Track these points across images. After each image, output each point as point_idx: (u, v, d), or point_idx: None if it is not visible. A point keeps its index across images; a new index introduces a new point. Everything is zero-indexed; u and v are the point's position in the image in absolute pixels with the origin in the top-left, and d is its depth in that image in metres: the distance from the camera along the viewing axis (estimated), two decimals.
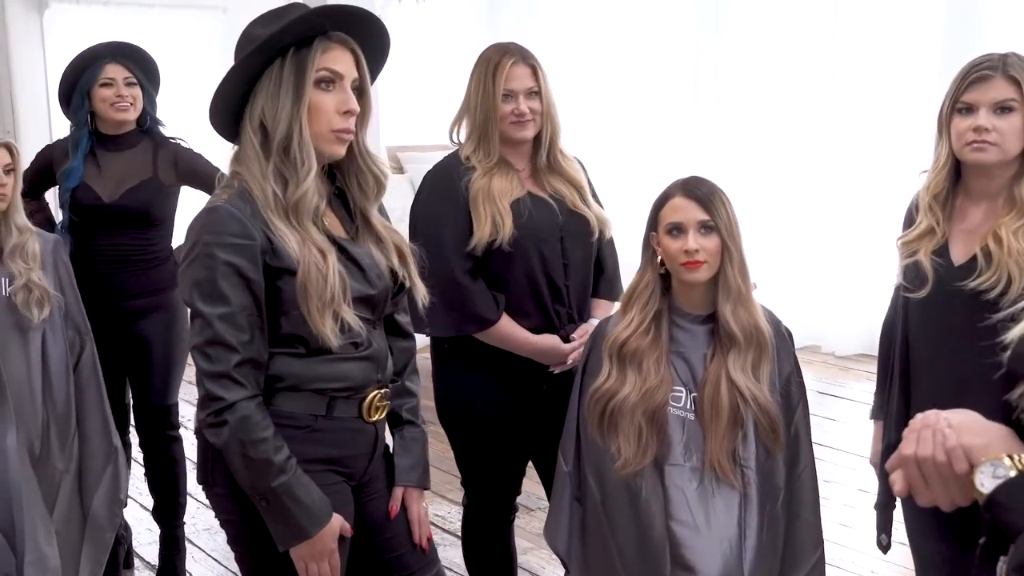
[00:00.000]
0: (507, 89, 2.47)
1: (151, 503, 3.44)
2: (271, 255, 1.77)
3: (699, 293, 2.14)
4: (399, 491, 2.04)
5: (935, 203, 2.18)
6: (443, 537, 3.63)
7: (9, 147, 2.81)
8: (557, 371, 2.52)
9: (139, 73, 3.19)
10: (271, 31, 1.76)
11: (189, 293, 1.77)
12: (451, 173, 2.51)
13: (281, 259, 1.77)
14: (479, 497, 2.69)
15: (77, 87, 3.16)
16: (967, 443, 1.11)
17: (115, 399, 3.14)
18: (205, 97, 1.83)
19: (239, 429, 1.76)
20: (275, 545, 1.82)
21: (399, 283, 1.97)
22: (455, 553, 3.24)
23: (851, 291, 5.86)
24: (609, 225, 2.63)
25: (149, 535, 3.63)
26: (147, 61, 3.26)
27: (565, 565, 2.28)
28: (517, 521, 2.80)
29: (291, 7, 1.82)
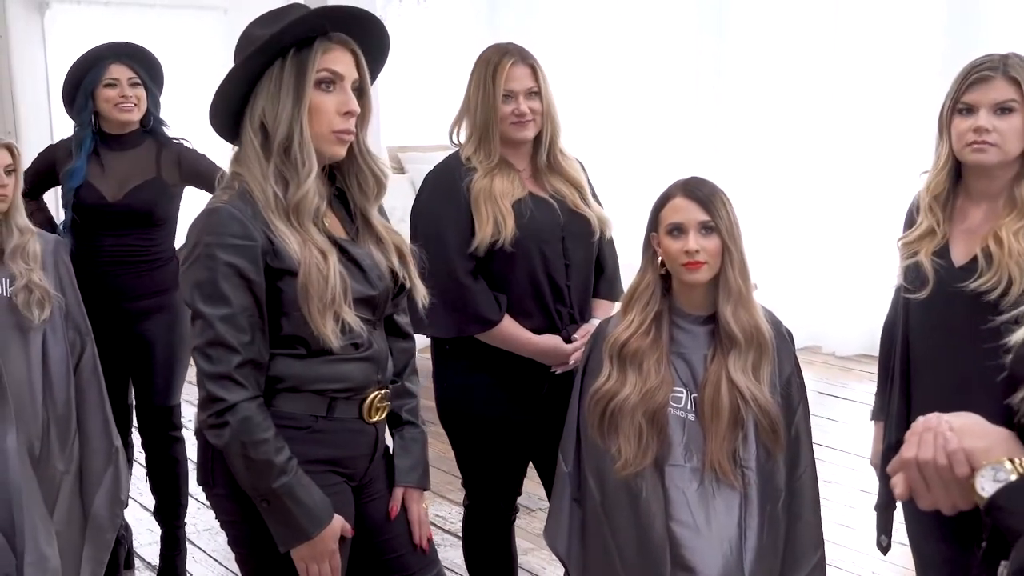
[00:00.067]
0: (507, 90, 2.47)
1: (152, 503, 3.44)
2: (272, 256, 1.77)
3: (699, 294, 2.13)
4: (399, 492, 2.04)
5: (935, 204, 2.18)
6: (443, 537, 3.62)
7: (10, 148, 2.81)
8: (559, 371, 2.52)
9: (143, 73, 3.19)
10: (271, 32, 1.76)
11: (190, 294, 1.77)
12: (452, 173, 2.51)
13: (282, 260, 1.77)
14: (480, 497, 2.69)
15: (81, 87, 3.15)
16: (968, 446, 1.10)
17: (118, 400, 3.14)
18: (205, 98, 1.83)
19: (240, 430, 1.76)
20: (276, 546, 1.82)
21: (399, 284, 1.97)
22: (455, 553, 3.24)
23: (852, 291, 5.86)
24: (609, 225, 2.63)
25: (150, 535, 3.63)
26: (151, 62, 3.25)
27: (565, 566, 2.28)
28: (518, 522, 2.79)
29: (291, 8, 1.82)
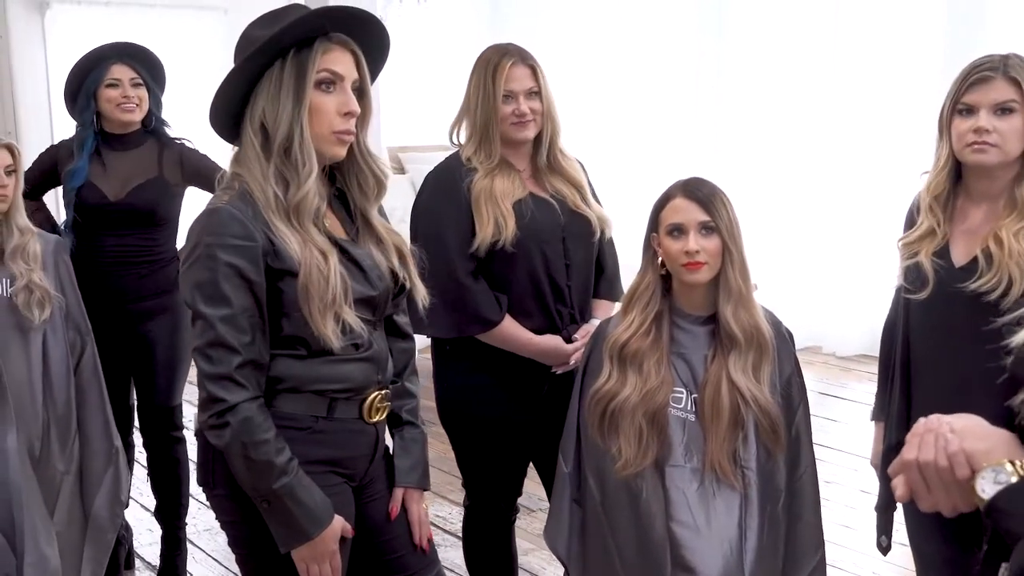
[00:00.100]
0: (507, 90, 2.47)
1: (152, 504, 3.44)
2: (272, 256, 1.77)
3: (700, 294, 2.13)
4: (399, 492, 2.04)
5: (936, 204, 2.18)
6: (444, 538, 3.62)
7: (10, 148, 2.81)
8: (559, 371, 2.52)
9: (145, 74, 3.19)
10: (271, 32, 1.76)
11: (190, 295, 1.76)
12: (453, 174, 2.51)
13: (282, 260, 1.77)
14: (480, 498, 2.69)
15: (83, 87, 3.15)
16: (969, 448, 1.10)
17: (119, 400, 3.14)
18: (206, 98, 1.83)
19: (241, 431, 1.75)
20: (276, 547, 1.82)
21: (399, 284, 1.97)
22: (456, 554, 3.24)
23: (852, 292, 5.86)
24: (610, 225, 2.63)
25: (150, 535, 3.63)
26: (153, 62, 3.25)
27: (565, 567, 2.28)
28: (518, 522, 2.79)
29: (291, 8, 1.82)
